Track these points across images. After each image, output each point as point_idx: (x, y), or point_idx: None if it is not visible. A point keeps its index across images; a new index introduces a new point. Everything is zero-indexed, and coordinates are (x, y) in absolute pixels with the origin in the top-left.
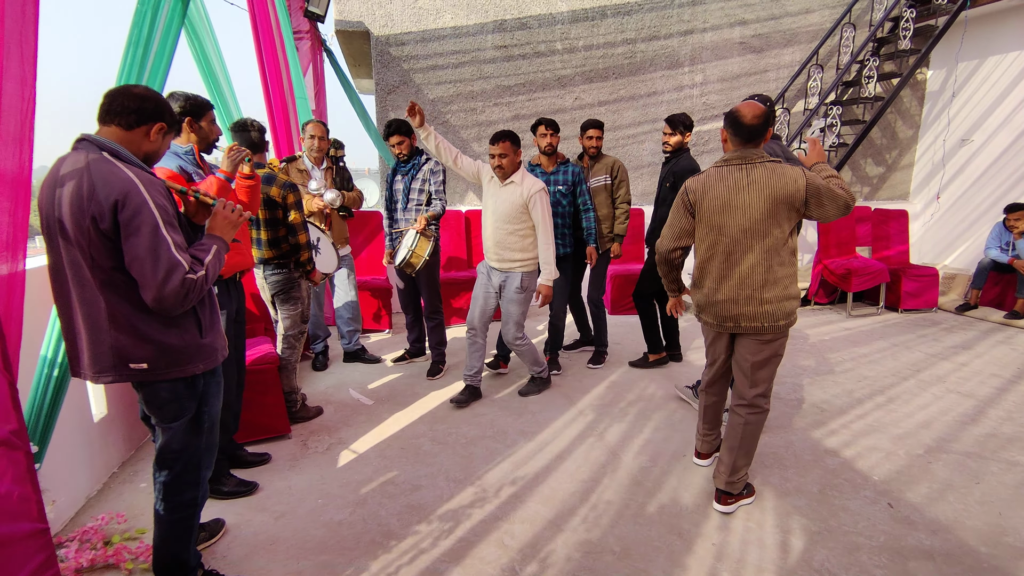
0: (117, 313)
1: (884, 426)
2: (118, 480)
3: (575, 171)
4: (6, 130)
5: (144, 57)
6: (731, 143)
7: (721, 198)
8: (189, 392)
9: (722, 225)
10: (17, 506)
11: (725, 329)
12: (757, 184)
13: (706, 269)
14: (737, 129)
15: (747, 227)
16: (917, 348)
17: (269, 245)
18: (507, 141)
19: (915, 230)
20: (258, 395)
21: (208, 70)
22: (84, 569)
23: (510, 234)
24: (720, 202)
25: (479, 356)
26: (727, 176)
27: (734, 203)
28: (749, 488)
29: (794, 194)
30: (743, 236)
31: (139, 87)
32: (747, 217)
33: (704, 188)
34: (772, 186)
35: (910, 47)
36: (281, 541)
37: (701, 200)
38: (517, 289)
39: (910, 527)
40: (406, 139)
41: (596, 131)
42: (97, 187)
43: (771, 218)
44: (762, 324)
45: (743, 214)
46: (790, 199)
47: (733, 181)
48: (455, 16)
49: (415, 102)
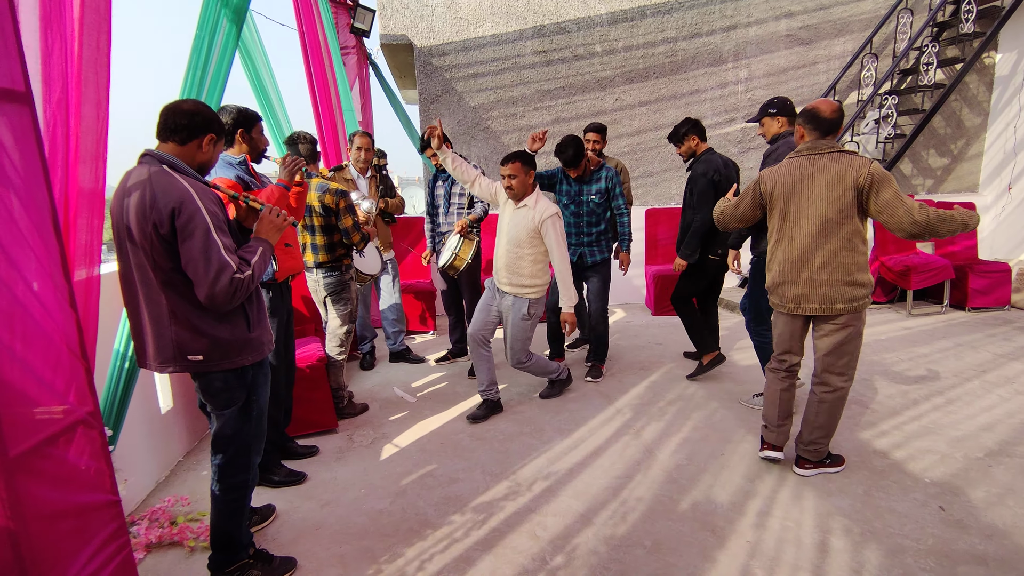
0: (177, 310)
1: (941, 428)
2: (183, 468)
3: (609, 175)
4: (85, 149)
5: (203, 78)
6: (807, 137)
7: (788, 187)
8: (239, 382)
9: (788, 211)
10: (94, 479)
11: (795, 311)
12: (821, 172)
13: (775, 253)
14: (817, 123)
15: (811, 213)
16: (984, 348)
17: (325, 250)
18: (517, 162)
19: (985, 224)
20: (308, 391)
21: (260, 87)
22: (153, 544)
23: (520, 258)
24: (787, 190)
25: (487, 368)
26: (795, 167)
27: (800, 191)
28: (836, 459)
29: (855, 179)
30: (808, 222)
31: (188, 103)
32: (811, 204)
33: (775, 178)
34: (833, 172)
35: (974, 30)
36: (326, 527)
37: (772, 190)
38: (523, 315)
39: (962, 531)
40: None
41: (594, 135)
42: (157, 196)
43: (834, 204)
44: (828, 306)
45: (808, 201)
46: (851, 184)
47: (799, 171)
48: (495, 24)
49: (433, 127)
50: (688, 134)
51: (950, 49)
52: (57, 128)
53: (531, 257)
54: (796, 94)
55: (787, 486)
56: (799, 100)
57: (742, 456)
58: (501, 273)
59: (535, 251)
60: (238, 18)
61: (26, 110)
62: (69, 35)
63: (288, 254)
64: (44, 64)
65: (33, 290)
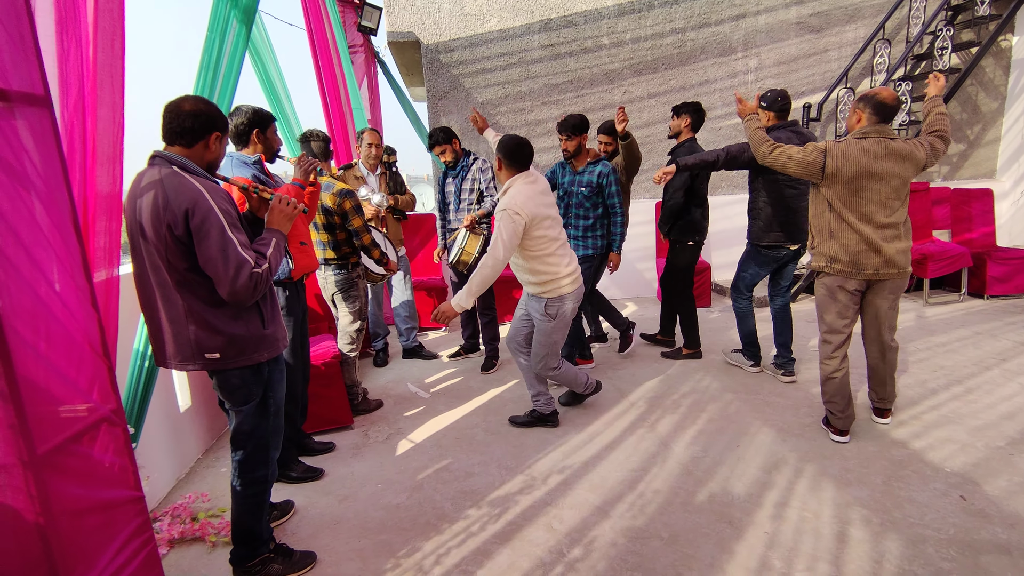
0: (193, 308)
1: (961, 417)
2: (202, 465)
3: (602, 171)
4: (102, 152)
5: (214, 80)
6: (866, 121)
7: (863, 165)
8: (256, 378)
9: (862, 187)
10: (119, 475)
11: (873, 277)
12: (893, 153)
13: (841, 228)
14: (882, 110)
15: (885, 189)
16: (1004, 336)
17: (330, 247)
18: (497, 154)
19: (1003, 210)
20: (323, 389)
21: (270, 86)
22: (175, 540)
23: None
24: (861, 169)
25: (526, 377)
26: (868, 148)
27: (874, 170)
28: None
29: (920, 159)
30: (883, 196)
31: (188, 102)
32: (885, 181)
33: (845, 156)
34: (903, 152)
35: (990, 12)
36: (344, 521)
37: (840, 166)
38: (541, 316)
39: (984, 520)
40: (447, 147)
41: (607, 137)
42: (170, 198)
43: (903, 181)
44: (902, 269)
45: (881, 179)
46: (917, 163)
47: (873, 151)
48: (501, 19)
49: (475, 110)
50: (685, 113)
51: (965, 33)
52: (75, 131)
53: (518, 253)
54: (808, 82)
55: (804, 477)
56: (811, 88)
57: (758, 447)
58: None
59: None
60: (248, 19)
61: (46, 113)
62: (84, 39)
63: (303, 252)
64: (61, 68)
65: (56, 290)
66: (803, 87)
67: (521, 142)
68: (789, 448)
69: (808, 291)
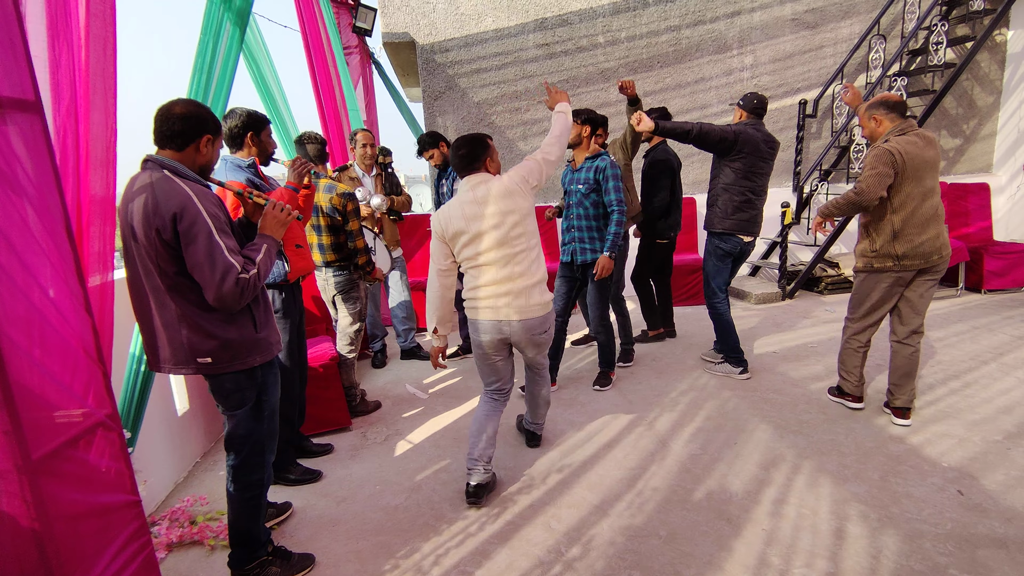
0: (185, 313)
1: (958, 412)
2: (200, 468)
3: (599, 166)
4: (95, 156)
5: (208, 82)
6: (888, 123)
7: (917, 157)
8: (249, 383)
9: (920, 178)
10: (115, 479)
11: (923, 267)
12: (929, 144)
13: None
14: (897, 107)
15: (932, 178)
16: (1001, 330)
17: (332, 249)
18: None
19: (1000, 205)
20: (321, 390)
21: (265, 89)
22: (174, 544)
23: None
24: (918, 161)
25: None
26: (914, 140)
27: (923, 160)
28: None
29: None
30: (932, 184)
31: (179, 105)
32: (931, 170)
33: (906, 150)
34: (931, 142)
35: (984, 7)
36: (342, 523)
37: (905, 162)
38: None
39: (982, 515)
40: (435, 150)
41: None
42: (159, 202)
43: (938, 169)
44: (945, 255)
45: (928, 169)
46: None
47: (919, 143)
48: (496, 19)
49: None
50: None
51: (960, 27)
52: (67, 136)
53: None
54: (803, 79)
55: (802, 473)
56: (807, 85)
57: (756, 445)
58: None
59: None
60: (241, 21)
61: (37, 119)
62: (76, 43)
63: (299, 255)
64: (52, 73)
65: (49, 296)
66: (799, 83)
67: (457, 142)
68: (787, 445)
69: (807, 287)
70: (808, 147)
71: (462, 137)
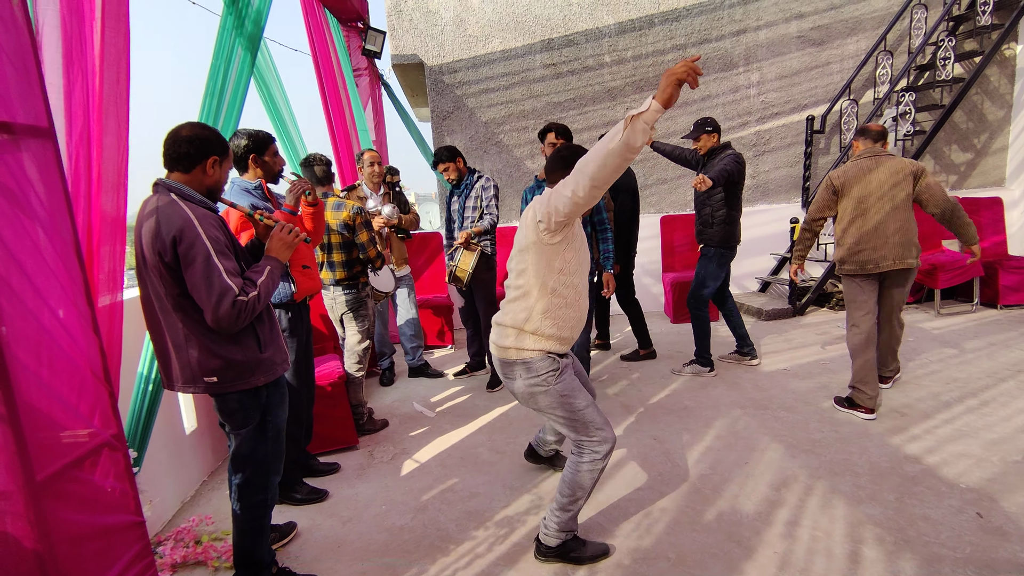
0: (191, 332)
1: (976, 431)
2: (207, 487)
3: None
4: (107, 179)
5: (219, 105)
6: (862, 146)
7: (858, 179)
8: (253, 402)
9: (862, 196)
10: (119, 500)
11: (872, 271)
12: (883, 166)
13: (849, 231)
14: (869, 135)
15: (882, 195)
16: (1019, 347)
17: (342, 267)
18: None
19: (1014, 219)
20: (328, 409)
21: (275, 112)
22: (178, 565)
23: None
24: (858, 182)
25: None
26: (862, 165)
27: (869, 180)
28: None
29: (912, 170)
30: (880, 202)
31: (186, 128)
32: (880, 188)
33: (845, 175)
34: (892, 166)
35: (992, 22)
36: (348, 544)
37: (844, 183)
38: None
39: (1002, 538)
40: (451, 164)
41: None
42: (162, 225)
43: (898, 188)
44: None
45: (877, 188)
46: (909, 173)
47: (867, 167)
48: (503, 40)
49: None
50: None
51: (968, 42)
52: (80, 160)
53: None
54: (810, 95)
55: (815, 495)
56: (814, 101)
57: (767, 464)
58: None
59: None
60: (252, 46)
61: (49, 145)
62: (90, 70)
63: (306, 275)
64: (67, 100)
65: (58, 318)
66: (806, 100)
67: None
68: (799, 465)
69: (817, 303)
70: (817, 162)
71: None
